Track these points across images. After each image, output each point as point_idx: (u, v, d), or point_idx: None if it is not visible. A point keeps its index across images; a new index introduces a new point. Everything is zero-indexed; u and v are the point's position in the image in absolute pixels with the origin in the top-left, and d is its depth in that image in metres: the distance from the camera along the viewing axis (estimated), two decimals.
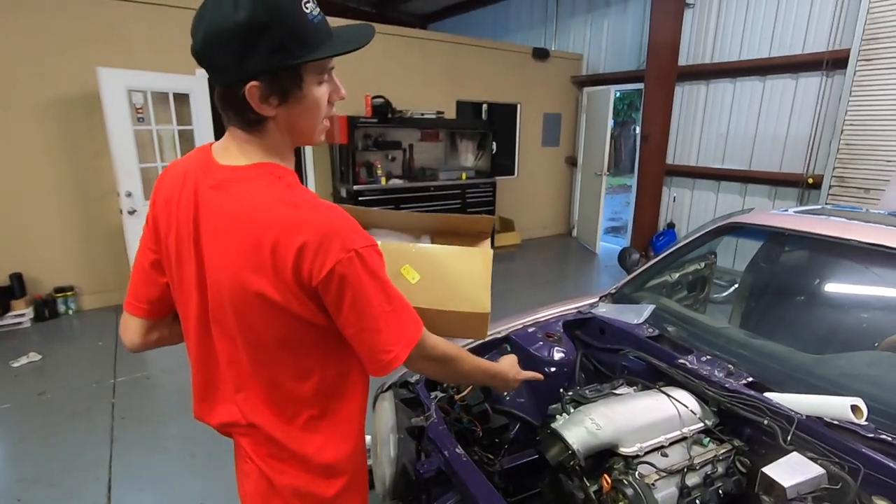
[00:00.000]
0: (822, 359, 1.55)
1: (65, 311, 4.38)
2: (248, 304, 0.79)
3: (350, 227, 0.78)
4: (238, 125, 0.80)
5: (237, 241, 0.77)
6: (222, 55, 0.73)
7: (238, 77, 0.74)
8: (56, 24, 3.95)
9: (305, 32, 0.75)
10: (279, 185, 0.79)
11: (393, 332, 0.82)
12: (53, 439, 2.65)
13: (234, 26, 0.70)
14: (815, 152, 4.91)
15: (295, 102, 0.79)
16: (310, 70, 0.78)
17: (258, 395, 0.87)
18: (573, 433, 1.32)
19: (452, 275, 1.11)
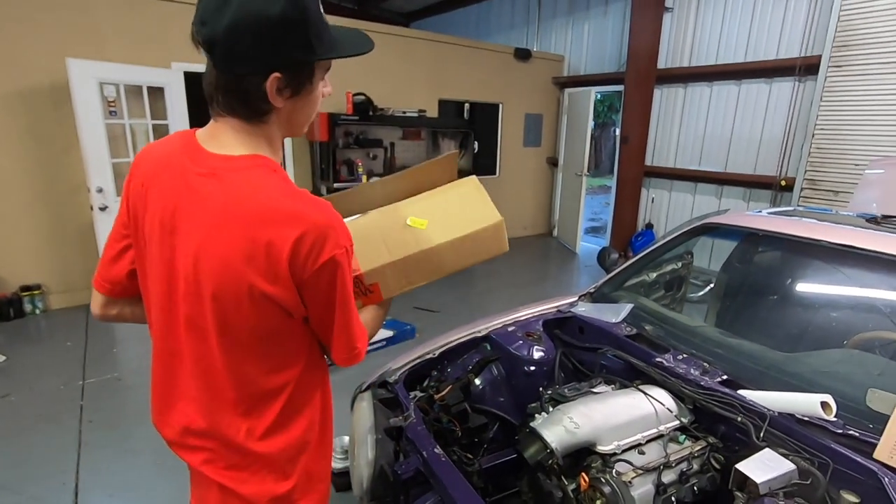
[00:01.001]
0: (794, 357, 1.59)
1: (31, 310, 4.22)
2: (233, 295, 0.77)
3: (342, 225, 0.81)
4: (239, 115, 0.80)
5: (229, 231, 0.76)
6: (249, 44, 0.73)
7: (263, 68, 0.75)
8: (24, 13, 3.80)
9: (324, 32, 0.79)
10: (275, 177, 0.80)
11: (359, 328, 0.90)
12: (18, 444, 2.55)
13: (269, 18, 0.72)
14: (788, 155, 5.04)
15: (304, 95, 0.82)
16: (321, 66, 0.83)
17: (224, 393, 0.85)
18: (551, 432, 1.32)
19: (454, 207, 1.16)
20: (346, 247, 0.80)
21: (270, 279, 0.76)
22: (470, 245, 1.12)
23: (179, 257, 0.81)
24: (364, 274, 1.04)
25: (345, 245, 0.80)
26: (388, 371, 1.85)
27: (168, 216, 0.81)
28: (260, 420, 0.86)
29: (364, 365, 3.06)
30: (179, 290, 0.82)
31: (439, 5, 9.43)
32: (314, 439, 0.94)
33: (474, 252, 1.14)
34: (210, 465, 0.89)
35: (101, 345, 3.70)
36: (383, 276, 1.06)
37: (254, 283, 0.76)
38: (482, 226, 1.13)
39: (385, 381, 1.79)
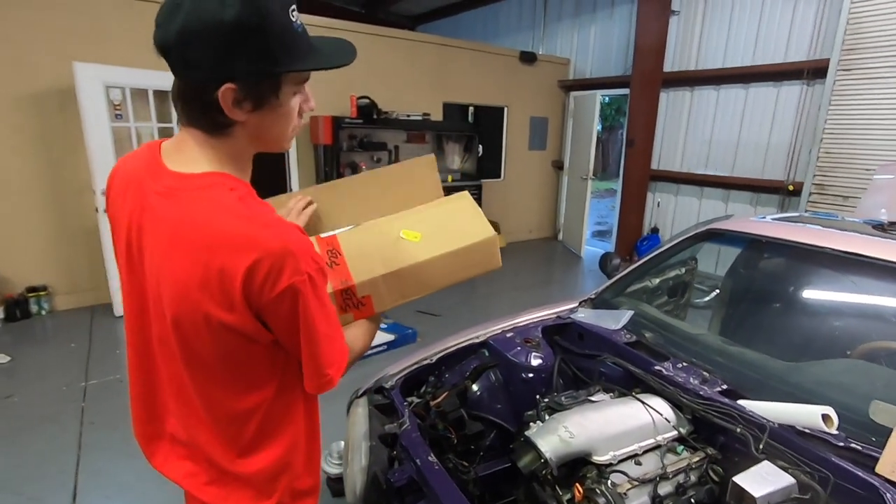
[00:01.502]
0: (797, 366, 1.56)
1: (37, 311, 4.26)
2: (191, 322, 0.74)
3: (304, 248, 0.74)
4: (201, 127, 0.75)
5: (182, 255, 0.72)
6: (200, 52, 0.67)
7: (214, 77, 0.69)
8: (32, 17, 3.85)
9: (292, 40, 0.72)
10: (231, 197, 0.73)
11: (331, 355, 0.82)
12: (19, 445, 2.56)
13: (220, 24, 0.66)
14: (796, 160, 4.98)
15: (269, 110, 0.75)
16: (289, 79, 0.75)
17: (198, 413, 0.83)
18: (546, 441, 1.30)
19: (447, 221, 1.16)
20: (308, 273, 0.73)
21: (226, 307, 0.71)
22: (463, 259, 1.13)
23: (148, 277, 0.79)
24: (356, 286, 1.02)
25: (307, 271, 0.73)
26: (385, 376, 1.84)
27: (134, 235, 0.79)
28: (234, 441, 0.83)
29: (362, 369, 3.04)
30: (150, 309, 0.81)
31: (445, 9, 9.44)
32: (298, 460, 0.90)
33: (467, 266, 1.14)
34: (192, 480, 0.87)
35: (104, 346, 3.72)
36: (376, 288, 1.05)
37: (210, 312, 0.72)
38: (475, 240, 1.13)
39: (381, 386, 1.78)
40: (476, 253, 1.14)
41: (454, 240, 1.12)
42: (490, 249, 1.16)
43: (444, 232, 1.13)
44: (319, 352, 0.79)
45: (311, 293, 0.74)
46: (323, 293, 0.78)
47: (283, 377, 0.84)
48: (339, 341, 0.85)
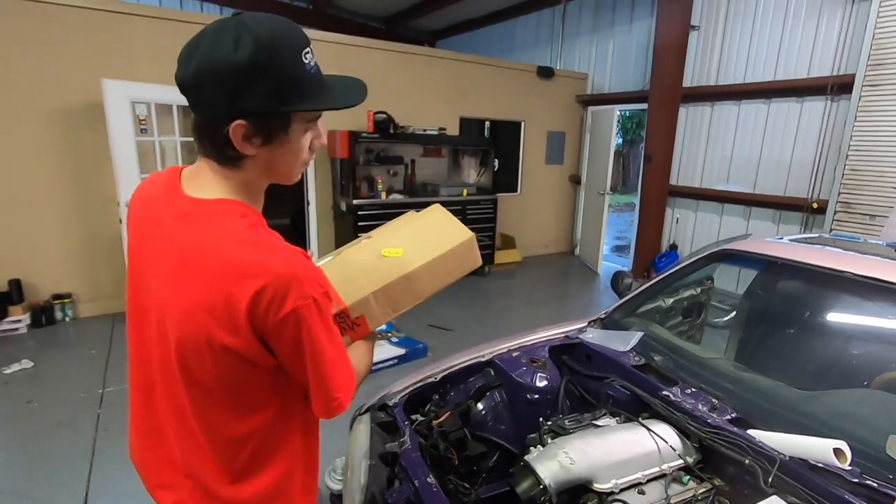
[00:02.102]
0: (812, 395, 1.50)
1: (62, 317, 4.39)
2: (194, 345, 0.76)
3: (309, 273, 0.76)
4: (214, 158, 0.79)
5: (191, 279, 0.74)
6: (214, 90, 0.72)
7: (226, 114, 0.73)
8: (63, 36, 4.03)
9: (302, 81, 0.75)
10: (241, 223, 0.77)
11: (339, 379, 0.82)
12: (35, 449, 2.63)
13: (233, 65, 0.70)
14: (820, 177, 4.85)
15: (278, 145, 0.78)
16: (299, 117, 0.79)
17: (195, 437, 0.84)
18: (545, 467, 1.27)
19: (425, 233, 1.19)
20: (312, 296, 0.75)
21: (231, 331, 0.73)
22: (446, 264, 1.15)
23: (152, 300, 0.82)
24: (349, 308, 1.03)
25: (311, 295, 0.74)
26: (389, 394, 1.83)
27: (147, 257, 0.83)
28: (229, 466, 0.84)
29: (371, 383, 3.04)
30: (152, 330, 0.83)
31: (464, 24, 9.56)
32: (294, 486, 0.90)
33: (451, 270, 1.16)
34: None
35: (122, 353, 3.80)
36: (368, 306, 1.05)
37: (213, 335, 0.74)
38: (456, 244, 1.16)
39: (385, 403, 1.77)
40: (458, 255, 1.16)
41: (434, 247, 1.14)
42: (470, 249, 1.19)
43: (423, 242, 1.16)
44: (327, 376, 0.80)
45: (316, 317, 0.75)
46: (328, 318, 0.79)
47: (282, 402, 0.85)
48: (346, 365, 0.85)
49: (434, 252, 1.12)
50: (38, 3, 3.93)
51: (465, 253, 1.17)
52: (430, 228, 1.21)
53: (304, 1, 9.08)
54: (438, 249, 1.13)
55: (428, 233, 1.19)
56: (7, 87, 3.92)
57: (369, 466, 1.48)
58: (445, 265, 1.14)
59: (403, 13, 9.29)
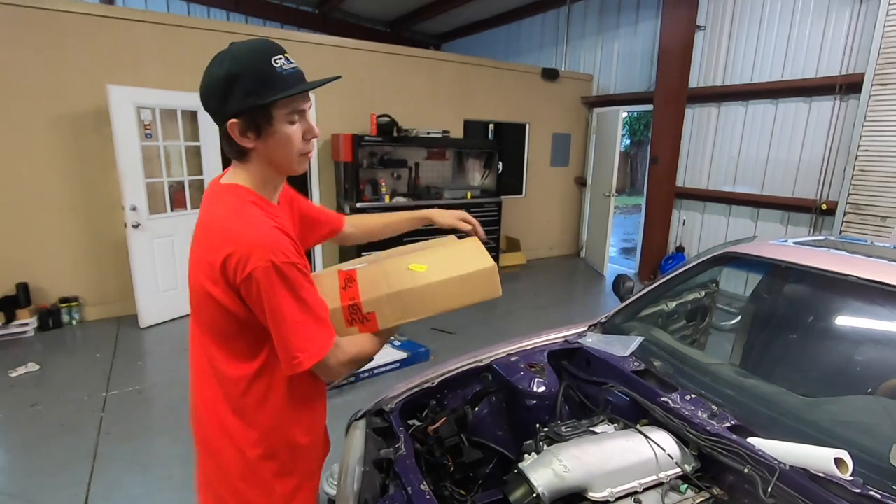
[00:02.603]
0: (814, 402, 1.46)
1: (68, 321, 4.43)
2: (199, 296, 0.99)
3: (273, 244, 0.93)
4: (231, 155, 1.02)
5: (200, 240, 0.99)
6: (212, 101, 0.95)
7: (224, 117, 0.94)
8: (69, 43, 4.08)
9: (272, 80, 0.93)
10: (237, 201, 0.98)
11: (300, 339, 0.96)
12: (38, 453, 2.65)
13: (218, 78, 0.93)
14: (829, 178, 4.78)
15: (268, 136, 0.97)
16: (279, 110, 0.95)
17: (207, 370, 1.06)
18: (539, 475, 1.25)
19: (452, 256, 1.30)
20: (271, 261, 0.91)
21: (213, 282, 0.95)
22: (463, 286, 1.22)
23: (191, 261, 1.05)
24: (362, 303, 1.16)
25: (270, 259, 0.91)
26: (386, 399, 1.82)
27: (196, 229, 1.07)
28: (230, 399, 1.04)
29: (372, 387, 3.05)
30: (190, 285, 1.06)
31: (469, 27, 9.57)
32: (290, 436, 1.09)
33: (467, 293, 1.23)
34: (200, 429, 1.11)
35: (127, 357, 3.83)
36: (380, 306, 1.17)
37: (205, 285, 0.97)
38: (474, 269, 1.23)
39: (381, 409, 1.75)
40: (475, 280, 1.23)
41: (454, 269, 1.23)
42: (490, 278, 1.24)
43: (447, 264, 1.25)
44: (287, 335, 0.95)
45: (276, 280, 0.92)
46: (295, 281, 0.94)
47: (267, 357, 1.03)
48: (316, 332, 0.98)
49: (452, 273, 1.21)
50: (44, 10, 3.99)
51: (483, 279, 1.23)
52: (460, 254, 1.29)
53: (311, 6, 9.13)
54: (457, 271, 1.22)
55: (455, 257, 1.29)
56: (15, 94, 3.97)
57: (363, 473, 1.46)
58: (461, 286, 1.21)
59: (408, 17, 9.32)
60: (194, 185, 4.63)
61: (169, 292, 4.50)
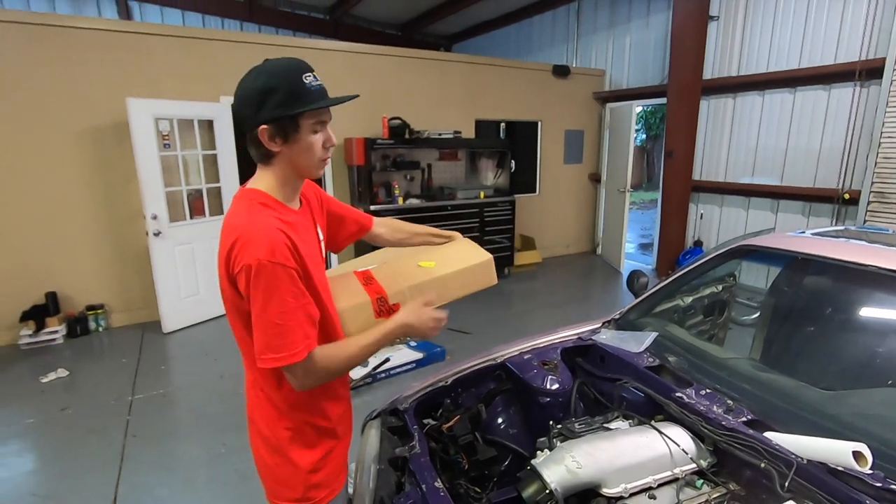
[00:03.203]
0: (835, 396, 1.43)
1: (95, 328, 4.56)
2: (221, 278, 1.08)
3: (266, 243, 0.99)
4: (257, 158, 1.12)
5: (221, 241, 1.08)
6: (247, 109, 1.05)
7: (255, 123, 1.05)
8: (90, 58, 4.21)
9: (301, 93, 1.04)
10: (246, 204, 1.08)
11: (267, 342, 1.01)
12: (69, 455, 2.74)
13: (254, 90, 1.04)
14: (852, 166, 4.65)
15: (293, 143, 1.08)
16: (306, 121, 1.07)
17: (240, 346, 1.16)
18: (552, 471, 1.25)
19: (453, 254, 1.52)
20: (259, 259, 0.97)
21: (224, 276, 1.06)
22: (468, 276, 1.45)
23: None
24: (388, 295, 1.32)
25: (258, 257, 0.97)
26: (400, 398, 1.84)
27: None
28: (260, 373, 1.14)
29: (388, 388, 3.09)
30: None
31: (480, 27, 9.56)
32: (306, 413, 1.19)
33: (471, 282, 1.46)
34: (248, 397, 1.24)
35: (151, 362, 3.93)
36: (403, 297, 1.34)
37: (221, 272, 1.07)
38: (477, 262, 1.46)
39: (396, 408, 1.77)
40: (477, 271, 1.46)
41: (460, 262, 1.45)
42: (488, 269, 1.49)
43: (452, 259, 1.47)
44: (259, 332, 1.02)
45: (261, 278, 0.98)
46: (278, 283, 1.00)
47: None
48: (284, 337, 1.02)
49: (459, 266, 1.43)
50: (65, 27, 4.12)
51: (483, 270, 1.47)
52: (459, 251, 1.53)
53: (322, 12, 9.24)
54: (463, 264, 1.45)
55: (456, 254, 1.51)
56: (41, 110, 4.11)
57: (378, 471, 1.48)
58: (467, 277, 1.44)
59: (418, 19, 9.36)
60: (212, 192, 4.73)
61: (190, 298, 4.61)
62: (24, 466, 2.68)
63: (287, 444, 1.19)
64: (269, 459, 1.21)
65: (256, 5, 8.58)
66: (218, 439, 2.81)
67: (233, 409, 3.13)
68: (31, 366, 3.85)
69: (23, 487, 2.49)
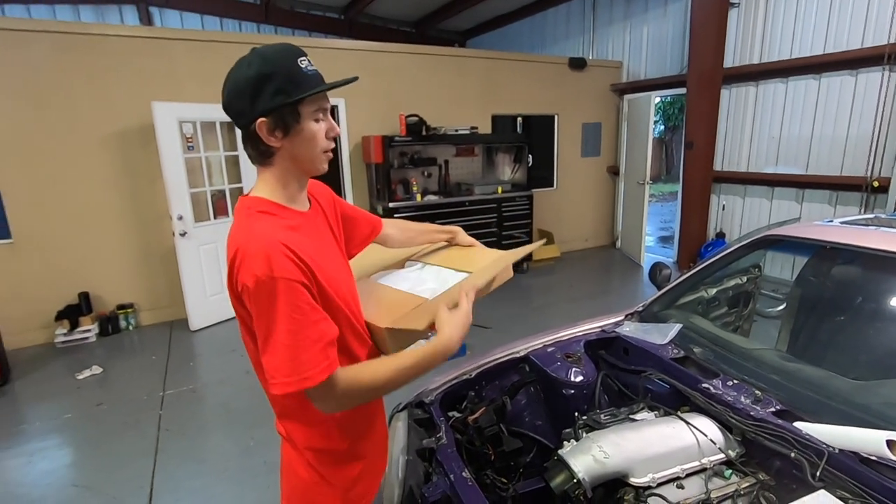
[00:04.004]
0: (865, 385, 1.41)
1: (125, 326, 4.71)
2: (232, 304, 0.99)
3: (263, 257, 0.88)
4: (254, 158, 1.01)
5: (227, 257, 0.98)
6: (240, 102, 0.95)
7: (251, 117, 0.94)
8: (115, 64, 4.33)
9: (299, 79, 0.95)
10: (248, 215, 0.98)
11: (280, 361, 0.88)
12: (105, 448, 2.85)
13: (248, 79, 0.93)
14: (881, 153, 4.52)
15: (295, 134, 0.97)
16: (306, 108, 0.97)
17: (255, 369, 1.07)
18: (579, 461, 1.27)
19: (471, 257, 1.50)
20: (257, 275, 0.86)
21: (230, 289, 0.96)
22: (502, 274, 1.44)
23: None
24: None
25: (256, 274, 0.87)
26: (426, 391, 1.86)
27: None
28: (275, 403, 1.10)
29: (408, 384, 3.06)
30: None
31: (494, 21, 9.52)
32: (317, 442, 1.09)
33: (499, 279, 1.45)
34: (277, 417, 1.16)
35: (180, 358, 4.05)
36: None
37: (229, 291, 0.97)
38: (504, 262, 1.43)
39: (422, 400, 1.80)
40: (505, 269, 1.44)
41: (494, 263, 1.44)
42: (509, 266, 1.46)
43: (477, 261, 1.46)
44: (267, 350, 0.90)
45: (262, 295, 0.88)
46: (287, 299, 0.88)
47: None
48: (296, 358, 0.88)
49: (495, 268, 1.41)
50: (91, 35, 4.25)
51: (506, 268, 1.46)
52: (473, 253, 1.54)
53: (337, 12, 9.31)
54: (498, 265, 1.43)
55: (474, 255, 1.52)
56: (71, 116, 4.25)
57: (407, 462, 1.51)
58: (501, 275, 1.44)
59: (432, 16, 9.36)
60: (234, 192, 4.82)
61: (215, 296, 4.72)
62: (64, 459, 2.80)
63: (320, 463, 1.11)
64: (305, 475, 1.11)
65: (272, 7, 8.69)
66: (247, 433, 2.89)
67: (260, 404, 3.20)
68: (67, 363, 4.00)
69: (64, 479, 2.60)
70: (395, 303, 1.22)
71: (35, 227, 4.27)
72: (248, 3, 8.60)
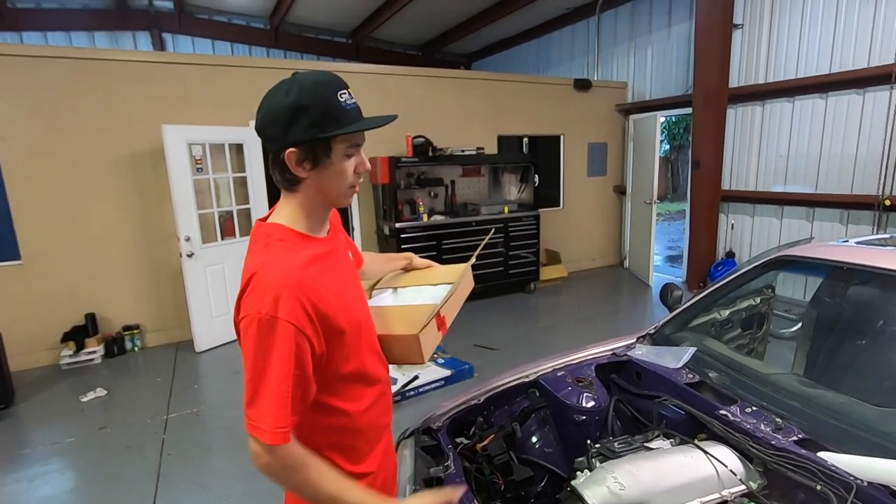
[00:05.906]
0: (890, 413, 1.36)
1: (131, 347, 4.69)
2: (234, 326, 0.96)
3: (272, 294, 0.85)
4: (281, 184, 0.99)
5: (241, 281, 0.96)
6: (273, 128, 0.93)
7: (282, 145, 0.92)
8: (127, 88, 4.42)
9: (337, 114, 0.93)
10: (266, 242, 0.96)
11: (255, 408, 0.86)
12: (108, 472, 2.80)
13: (283, 107, 0.91)
14: (892, 172, 4.48)
15: (323, 168, 0.95)
16: (339, 144, 0.95)
17: None
18: (594, 493, 1.22)
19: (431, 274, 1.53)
20: (261, 312, 0.85)
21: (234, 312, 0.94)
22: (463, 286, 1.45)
23: None
24: None
25: (259, 310, 0.85)
26: (433, 416, 1.82)
27: None
28: None
29: (416, 406, 3.06)
30: None
31: (499, 44, 9.67)
32: None
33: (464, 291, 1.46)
34: None
35: (185, 381, 4.01)
36: None
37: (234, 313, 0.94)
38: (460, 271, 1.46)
39: (429, 427, 1.76)
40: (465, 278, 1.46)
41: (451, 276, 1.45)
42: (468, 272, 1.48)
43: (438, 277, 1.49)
44: (247, 389, 0.87)
45: (256, 332, 0.85)
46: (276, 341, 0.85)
47: None
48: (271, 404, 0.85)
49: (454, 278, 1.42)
50: (105, 60, 4.35)
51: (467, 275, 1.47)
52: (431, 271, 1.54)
53: (344, 37, 9.50)
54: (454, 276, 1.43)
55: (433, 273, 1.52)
56: (83, 139, 4.32)
57: (414, 491, 1.46)
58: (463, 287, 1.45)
59: (438, 39, 9.53)
60: (242, 213, 4.85)
61: (221, 317, 4.70)
62: (66, 484, 2.75)
63: None
64: None
65: (281, 32, 8.89)
66: None
67: None
68: (72, 385, 3.98)
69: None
70: (411, 314, 1.26)
71: (44, 249, 4.31)
72: (258, 29, 8.81)
